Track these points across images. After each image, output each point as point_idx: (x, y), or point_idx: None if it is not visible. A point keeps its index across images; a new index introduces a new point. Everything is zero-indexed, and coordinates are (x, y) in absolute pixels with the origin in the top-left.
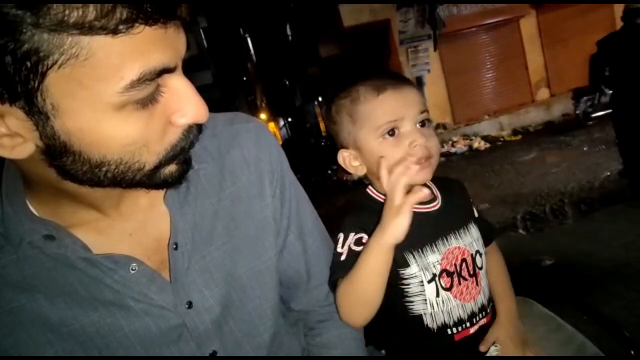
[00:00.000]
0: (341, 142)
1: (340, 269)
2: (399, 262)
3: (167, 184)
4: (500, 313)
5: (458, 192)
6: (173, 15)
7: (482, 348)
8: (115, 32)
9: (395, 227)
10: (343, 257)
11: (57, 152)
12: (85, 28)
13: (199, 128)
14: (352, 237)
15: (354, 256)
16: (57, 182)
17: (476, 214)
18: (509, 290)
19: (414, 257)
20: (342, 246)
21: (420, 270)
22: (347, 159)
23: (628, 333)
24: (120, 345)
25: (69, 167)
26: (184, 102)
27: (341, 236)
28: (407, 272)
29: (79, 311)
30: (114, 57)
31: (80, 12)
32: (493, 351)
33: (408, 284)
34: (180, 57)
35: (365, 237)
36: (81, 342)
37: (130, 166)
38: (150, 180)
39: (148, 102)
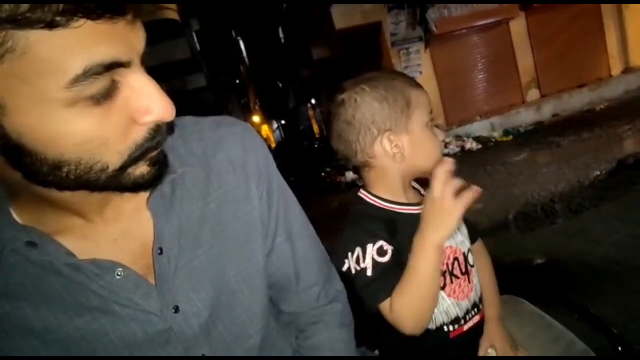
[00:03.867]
0: (381, 126)
1: (376, 287)
2: (404, 265)
3: (139, 186)
4: (490, 319)
5: None
6: (120, 11)
7: (481, 353)
8: (52, 25)
9: (450, 225)
10: (370, 273)
11: (13, 153)
12: (19, 21)
13: (169, 129)
14: (371, 248)
15: (382, 269)
16: (27, 186)
17: None
18: (496, 295)
19: None
20: (364, 260)
21: None
22: (394, 143)
23: (617, 330)
24: (107, 351)
25: (30, 169)
26: (146, 100)
27: (358, 250)
28: None
29: (64, 318)
30: (54, 52)
31: (12, 5)
32: (491, 352)
33: None
34: (136, 52)
35: (384, 244)
36: (67, 349)
37: (92, 167)
38: (118, 182)
39: (102, 98)
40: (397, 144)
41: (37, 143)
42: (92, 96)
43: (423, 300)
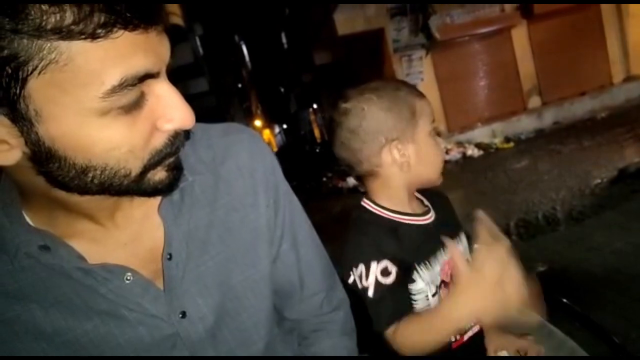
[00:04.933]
0: (387, 135)
1: (377, 311)
2: (408, 279)
3: (158, 191)
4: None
5: (445, 203)
6: (153, 20)
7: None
8: (93, 36)
9: (475, 306)
10: (371, 294)
11: (43, 158)
12: (63, 33)
13: (186, 135)
14: (375, 266)
15: (385, 291)
16: (48, 190)
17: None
18: None
19: (421, 271)
20: (367, 278)
21: (426, 285)
22: (401, 152)
23: (618, 338)
24: (114, 355)
25: (56, 174)
26: (169, 108)
27: (362, 267)
28: (414, 287)
29: (73, 321)
30: (94, 62)
31: (58, 17)
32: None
33: (416, 300)
34: (163, 62)
35: (389, 264)
36: (75, 352)
37: (116, 172)
38: (139, 187)
39: (132, 107)
40: (403, 152)
41: (68, 149)
42: (123, 106)
43: (428, 343)
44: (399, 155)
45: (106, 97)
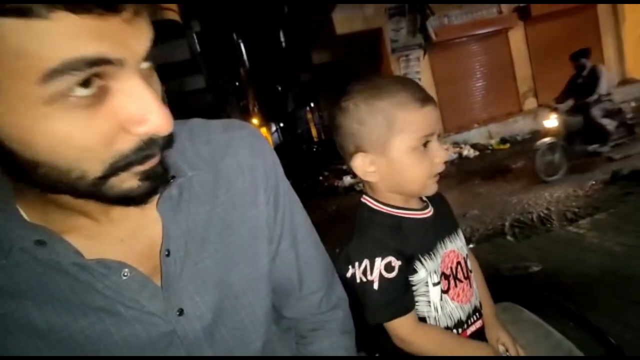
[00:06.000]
0: (359, 145)
1: (380, 305)
2: (410, 270)
3: (130, 200)
4: (488, 317)
5: (441, 199)
6: (111, 9)
7: (493, 343)
8: (25, 13)
9: None
10: (376, 286)
11: None
12: None
13: (168, 142)
14: (379, 262)
15: (389, 284)
16: (22, 186)
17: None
18: (489, 294)
19: (423, 262)
20: (371, 274)
21: (428, 274)
22: (364, 163)
23: (613, 340)
24: (110, 353)
25: (10, 168)
26: (139, 109)
27: (366, 262)
28: (416, 278)
29: (68, 318)
30: (29, 42)
31: None
32: (501, 348)
33: (416, 288)
34: (133, 53)
35: (392, 260)
36: (70, 350)
37: (67, 172)
38: (102, 193)
39: (88, 101)
40: (373, 161)
41: (14, 141)
42: (71, 95)
43: (437, 352)
44: (367, 164)
45: (45, 81)
